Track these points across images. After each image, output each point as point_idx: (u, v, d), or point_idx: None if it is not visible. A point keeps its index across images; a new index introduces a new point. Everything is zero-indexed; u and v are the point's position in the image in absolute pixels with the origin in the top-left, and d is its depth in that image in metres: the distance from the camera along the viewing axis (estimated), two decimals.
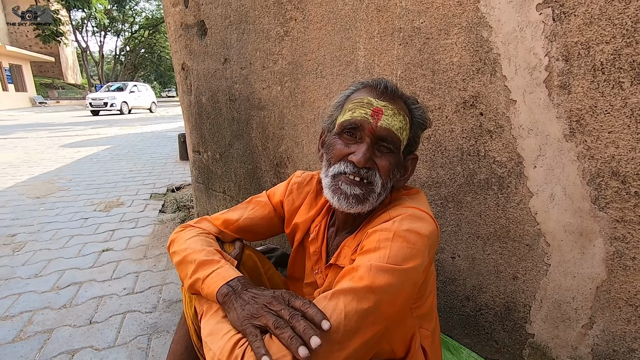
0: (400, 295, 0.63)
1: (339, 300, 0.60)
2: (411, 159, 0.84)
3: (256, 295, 0.65)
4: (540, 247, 1.00)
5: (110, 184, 4.12)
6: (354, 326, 0.58)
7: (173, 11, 2.07)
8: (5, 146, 7.03)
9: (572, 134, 0.89)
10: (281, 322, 0.58)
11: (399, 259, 0.64)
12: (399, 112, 0.75)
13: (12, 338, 1.48)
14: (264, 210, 0.99)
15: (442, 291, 1.22)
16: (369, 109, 0.74)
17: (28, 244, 2.46)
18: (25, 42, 27.76)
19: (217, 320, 0.65)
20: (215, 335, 0.62)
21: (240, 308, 0.63)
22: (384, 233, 0.67)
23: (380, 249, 0.65)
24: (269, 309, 0.61)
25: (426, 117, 0.82)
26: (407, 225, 0.68)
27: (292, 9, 1.41)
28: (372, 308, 0.60)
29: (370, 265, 0.63)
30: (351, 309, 0.59)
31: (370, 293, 0.60)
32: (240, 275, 0.72)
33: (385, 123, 0.73)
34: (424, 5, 1.07)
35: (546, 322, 1.03)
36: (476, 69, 1.01)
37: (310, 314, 0.58)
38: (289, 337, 0.55)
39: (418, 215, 0.71)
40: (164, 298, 1.76)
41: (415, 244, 0.66)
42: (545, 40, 0.89)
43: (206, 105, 2.06)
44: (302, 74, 1.46)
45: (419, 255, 0.65)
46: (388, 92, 0.76)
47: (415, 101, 0.82)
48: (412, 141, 0.82)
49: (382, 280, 0.61)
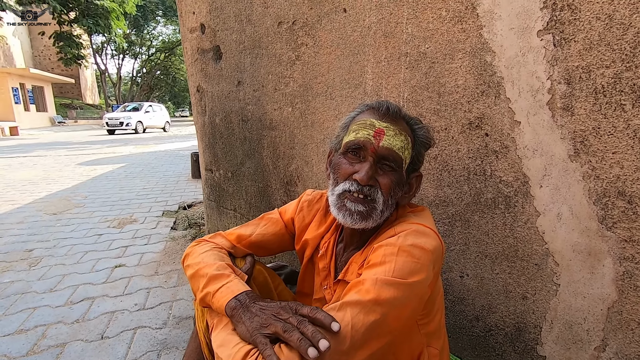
0: (406, 308, 0.64)
1: (346, 312, 0.62)
2: (415, 177, 0.86)
3: (264, 307, 0.67)
4: (549, 267, 1.00)
5: (124, 201, 4.22)
6: (360, 338, 0.60)
7: (190, 37, 2.19)
8: (25, 164, 7.28)
9: (577, 154, 0.91)
10: (289, 327, 0.60)
11: (404, 273, 0.66)
12: (401, 132, 0.78)
13: (26, 352, 1.51)
14: (276, 227, 1.02)
15: (451, 311, 1.21)
16: (372, 129, 0.77)
17: (44, 259, 2.52)
18: (48, 64, 29.10)
19: (228, 332, 0.68)
20: (226, 346, 0.64)
21: (249, 320, 0.65)
22: (389, 248, 0.69)
23: (386, 263, 0.67)
24: (278, 318, 0.64)
25: (429, 137, 0.85)
26: (412, 241, 0.70)
27: (304, 35, 1.48)
28: (379, 321, 0.61)
29: (376, 279, 0.65)
30: (358, 321, 0.61)
31: (376, 306, 0.62)
32: (249, 289, 0.74)
33: (387, 143, 0.76)
34: (429, 32, 1.12)
35: (558, 343, 1.01)
36: (481, 91, 1.05)
37: (319, 317, 0.60)
38: (298, 339, 0.57)
39: (422, 230, 0.73)
40: (174, 314, 1.78)
41: (420, 259, 0.68)
42: (547, 64, 0.92)
43: (219, 125, 2.14)
44: (313, 96, 1.51)
45: (424, 270, 0.67)
46: (390, 113, 0.79)
47: (418, 121, 0.85)
48: (416, 159, 0.84)
49: (388, 293, 0.63)
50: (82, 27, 20.57)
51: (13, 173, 6.18)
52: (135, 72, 36.14)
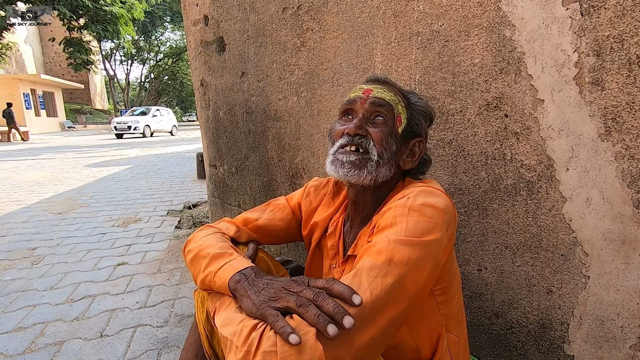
0: (422, 270, 0.60)
1: (362, 278, 0.57)
2: (417, 142, 0.84)
3: (272, 280, 0.61)
4: (577, 258, 0.91)
5: (129, 201, 4.19)
6: (380, 302, 0.55)
7: (194, 29, 2.15)
8: (34, 166, 7.33)
9: (608, 133, 0.83)
10: (304, 300, 0.54)
11: (418, 232, 0.62)
12: (389, 90, 0.80)
13: (23, 350, 1.46)
14: (283, 212, 0.99)
15: (469, 307, 1.13)
16: (360, 90, 0.81)
17: (47, 257, 2.48)
18: (59, 71, 29.59)
19: (232, 311, 0.61)
20: (231, 324, 0.57)
21: (255, 294, 0.59)
22: (399, 209, 0.66)
23: (397, 224, 0.63)
24: (289, 291, 0.57)
25: (426, 106, 0.85)
26: (422, 200, 0.67)
27: (309, 20, 1.43)
28: (396, 283, 0.57)
29: (388, 240, 0.61)
30: (376, 286, 0.56)
31: (392, 267, 0.58)
32: (254, 265, 0.69)
33: (376, 94, 0.79)
34: (442, 8, 1.05)
35: (587, 342, 0.93)
36: (499, 69, 0.97)
37: (338, 289, 0.54)
38: (315, 315, 0.51)
39: (431, 190, 0.70)
40: (175, 312, 1.72)
41: (432, 218, 0.64)
42: (573, 35, 0.85)
43: (223, 119, 2.08)
44: (319, 83, 1.45)
45: (437, 229, 0.63)
46: (378, 79, 0.84)
47: (410, 91, 0.87)
48: (414, 123, 0.83)
49: (403, 253, 0.59)
50: (91, 33, 20.87)
51: (21, 175, 6.22)
52: (144, 77, 36.58)
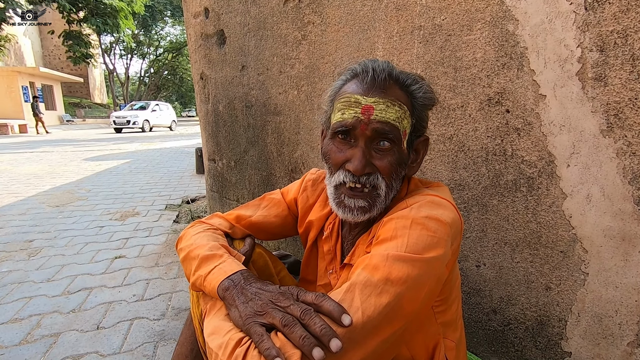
0: (422, 289, 0.56)
1: (354, 294, 0.54)
2: (421, 142, 0.76)
3: (260, 291, 0.59)
4: (576, 254, 0.91)
5: (128, 195, 4.18)
6: (372, 323, 0.52)
7: (194, 22, 2.13)
8: (32, 159, 7.30)
9: (610, 129, 0.82)
10: (290, 319, 0.51)
11: (419, 248, 0.57)
12: (393, 102, 0.66)
13: (19, 341, 1.45)
14: (278, 208, 0.95)
15: (466, 303, 1.13)
16: (358, 107, 0.66)
17: (44, 249, 2.47)
18: (58, 64, 29.41)
19: (221, 318, 0.60)
20: (218, 334, 0.56)
21: (243, 305, 0.57)
22: (401, 221, 0.61)
23: (398, 238, 0.59)
24: (276, 305, 0.55)
25: (430, 95, 0.72)
26: (426, 212, 0.61)
27: (310, 13, 1.41)
28: (392, 303, 0.53)
29: (387, 254, 0.56)
30: (369, 305, 0.52)
31: (388, 285, 0.54)
32: (244, 269, 0.67)
33: (379, 116, 0.65)
34: (445, 2, 1.04)
35: (585, 338, 0.93)
36: (501, 64, 0.97)
37: (327, 307, 0.52)
38: (300, 337, 0.48)
39: (437, 201, 0.65)
40: (173, 306, 1.72)
41: (437, 232, 0.59)
42: (577, 30, 0.84)
43: (223, 112, 2.07)
44: (319, 77, 1.44)
45: (441, 245, 0.58)
46: (377, 83, 0.67)
47: (415, 79, 0.71)
48: (418, 125, 0.73)
49: (401, 271, 0.55)
50: (90, 26, 20.75)
51: (19, 167, 6.20)
52: (143, 72, 36.41)
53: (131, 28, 24.42)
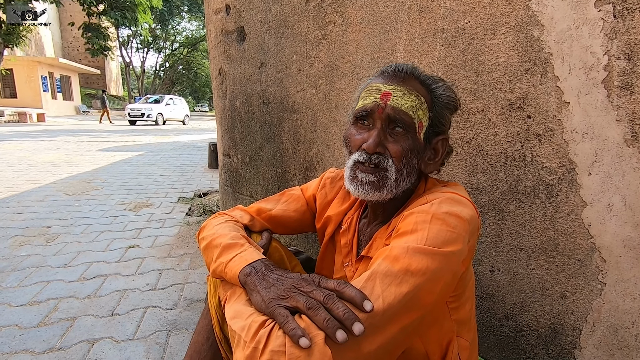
0: (439, 282, 0.58)
1: (375, 282, 0.56)
2: (440, 140, 0.78)
3: (282, 277, 0.61)
4: (594, 263, 0.90)
5: (141, 186, 4.25)
6: (392, 310, 0.54)
7: (215, 18, 2.16)
8: (50, 147, 7.48)
9: (635, 138, 0.82)
10: (314, 302, 0.53)
11: (439, 242, 0.59)
12: (410, 92, 0.72)
13: (37, 323, 1.50)
14: (297, 203, 0.98)
15: (479, 308, 1.13)
16: (378, 93, 0.73)
17: (61, 236, 2.54)
18: (76, 55, 30.01)
19: (242, 303, 0.62)
20: (240, 318, 0.58)
21: (265, 290, 0.59)
22: (422, 215, 0.63)
23: (418, 231, 0.61)
24: (299, 290, 0.57)
25: (452, 96, 0.77)
26: (446, 208, 0.64)
27: (332, 12, 1.42)
28: (411, 293, 0.55)
29: (407, 247, 0.59)
30: (389, 294, 0.54)
31: (408, 276, 0.56)
32: (265, 257, 0.69)
33: (395, 103, 0.71)
34: (469, 5, 1.04)
35: (599, 349, 0.92)
36: (525, 69, 0.96)
37: (349, 293, 0.53)
38: (325, 320, 0.50)
39: (457, 199, 0.67)
40: (185, 296, 1.75)
41: (456, 228, 0.61)
42: (604, 38, 0.83)
43: (240, 108, 2.10)
44: (338, 76, 1.45)
45: (459, 240, 0.61)
46: (397, 73, 0.74)
47: (436, 80, 0.77)
48: (437, 122, 0.76)
49: (420, 263, 0.57)
50: (109, 19, 21.10)
51: (37, 155, 6.35)
52: (159, 65, 36.91)
53: (149, 22, 24.75)
